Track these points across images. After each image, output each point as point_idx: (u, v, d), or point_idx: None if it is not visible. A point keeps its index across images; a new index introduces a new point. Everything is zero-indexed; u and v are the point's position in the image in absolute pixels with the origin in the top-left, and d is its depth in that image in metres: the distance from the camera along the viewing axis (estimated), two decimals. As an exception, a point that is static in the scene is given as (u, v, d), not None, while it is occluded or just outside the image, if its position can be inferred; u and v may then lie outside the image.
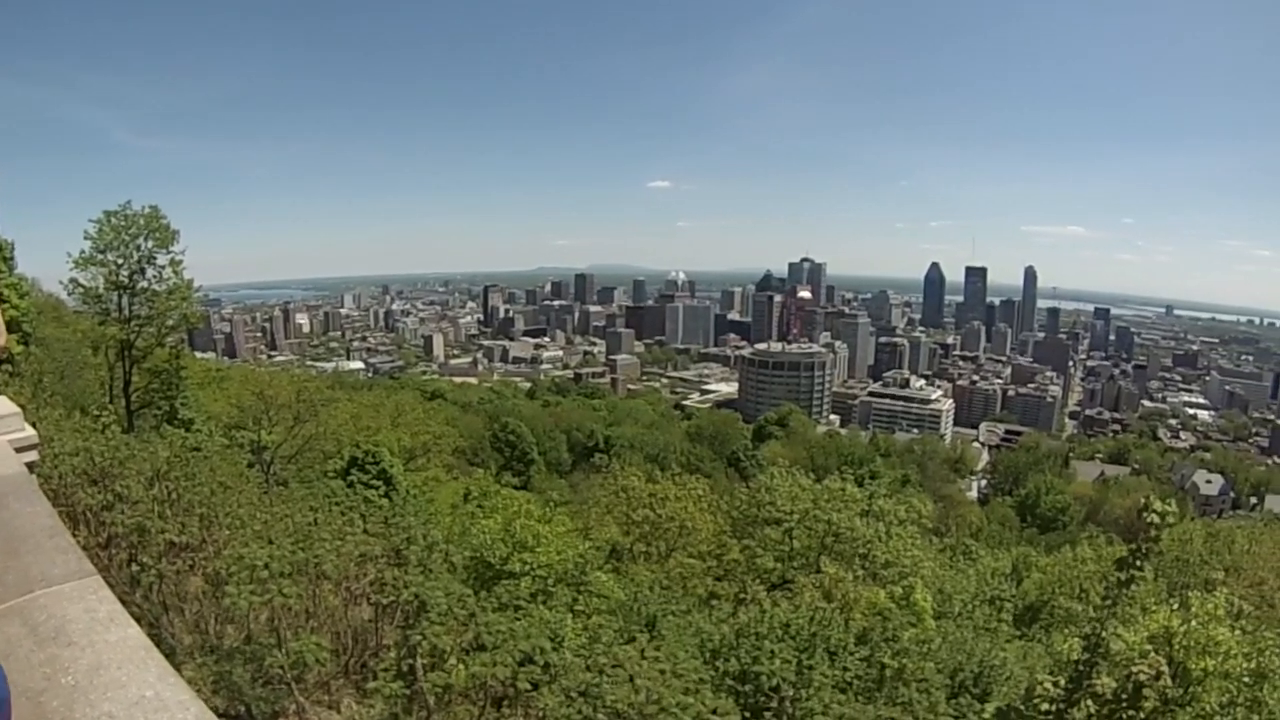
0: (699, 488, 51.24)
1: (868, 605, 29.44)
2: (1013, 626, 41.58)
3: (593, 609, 26.07)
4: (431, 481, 61.09)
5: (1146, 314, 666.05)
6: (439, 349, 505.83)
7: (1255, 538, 53.48)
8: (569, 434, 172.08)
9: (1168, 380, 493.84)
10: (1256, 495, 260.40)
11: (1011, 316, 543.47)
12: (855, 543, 41.20)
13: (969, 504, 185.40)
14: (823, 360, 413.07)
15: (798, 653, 18.48)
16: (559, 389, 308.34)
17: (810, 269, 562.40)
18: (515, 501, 39.38)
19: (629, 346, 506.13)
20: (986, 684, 19.98)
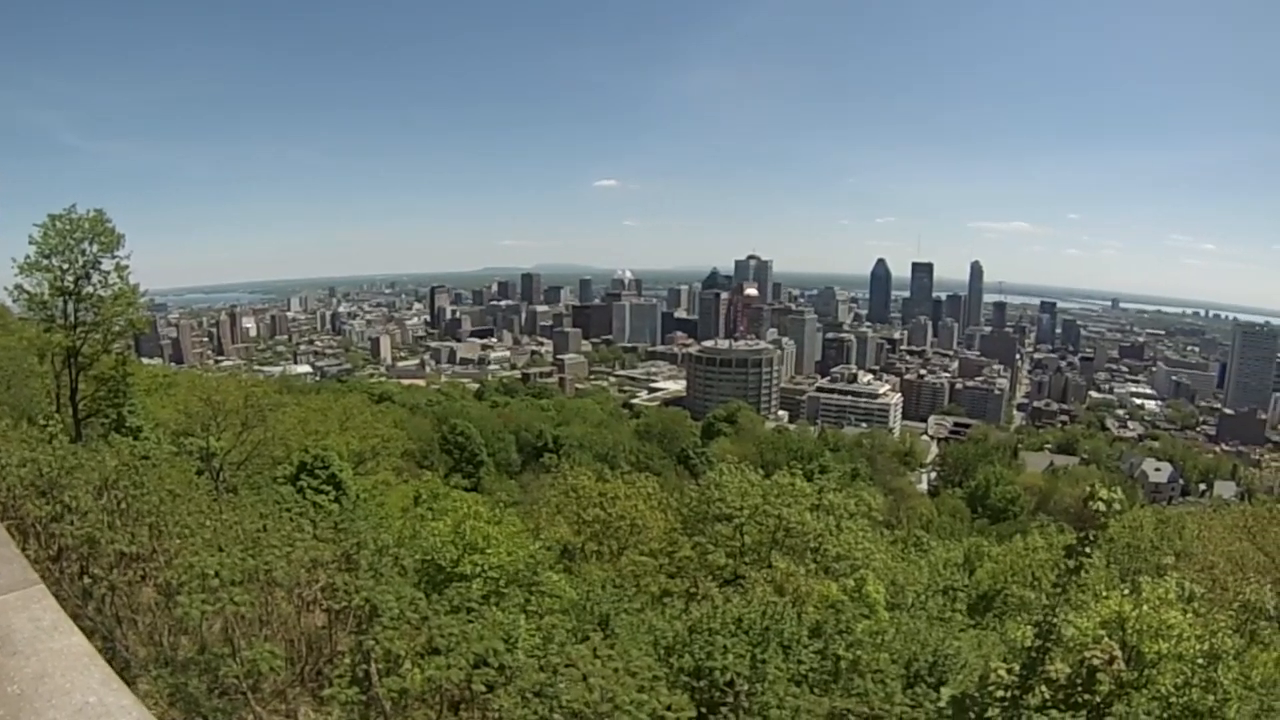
0: (649, 486, 51.33)
1: (820, 598, 29.33)
2: (966, 616, 41.47)
3: (545, 609, 25.80)
4: (381, 485, 60.55)
5: (1093, 307, 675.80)
6: (386, 351, 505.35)
7: (1205, 523, 53.95)
8: (518, 434, 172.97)
9: (1114, 371, 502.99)
10: (1205, 482, 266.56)
11: (958, 311, 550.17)
12: (806, 537, 41.19)
13: (919, 496, 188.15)
14: (770, 357, 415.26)
15: (751, 647, 18.50)
16: (507, 389, 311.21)
17: (757, 266, 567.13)
18: (465, 503, 39.22)
19: (576, 346, 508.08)
20: (942, 673, 20.00)
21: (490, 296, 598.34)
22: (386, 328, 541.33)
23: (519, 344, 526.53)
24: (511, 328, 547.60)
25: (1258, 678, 19.03)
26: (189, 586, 13.62)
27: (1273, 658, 20.61)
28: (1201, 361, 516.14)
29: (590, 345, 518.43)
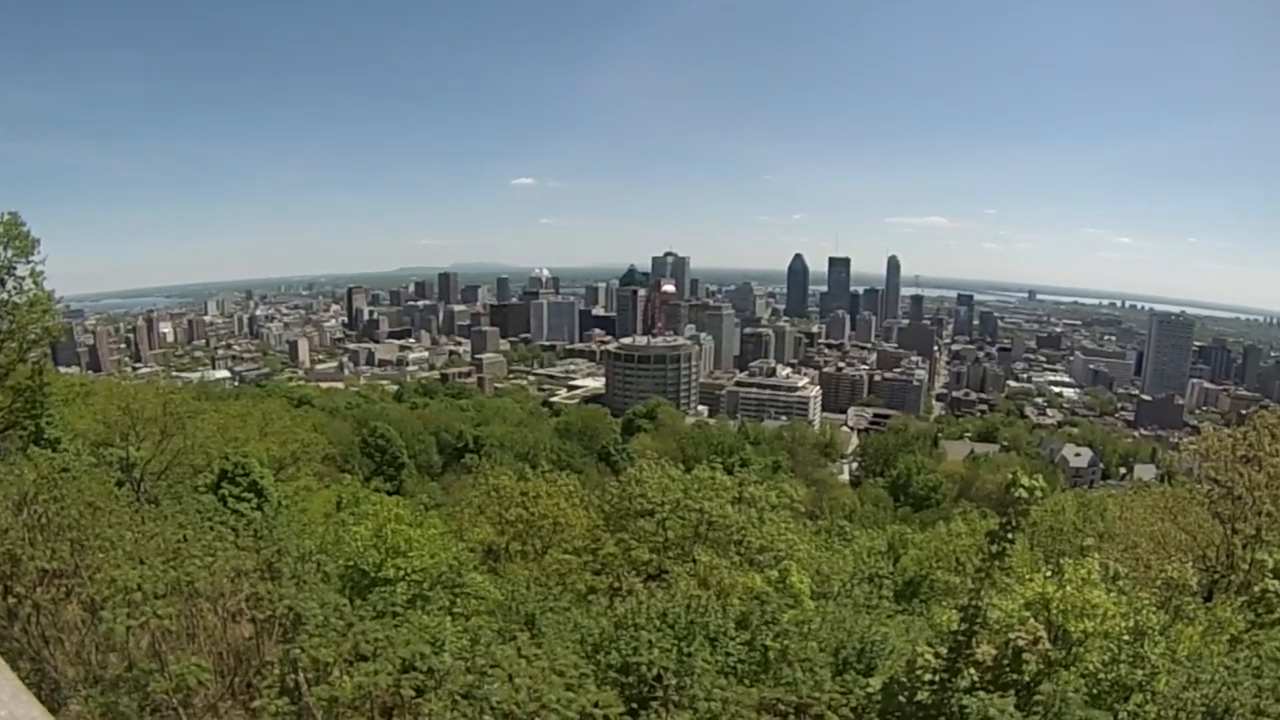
0: (570, 484, 51.09)
1: (744, 590, 29.48)
2: (893, 602, 41.67)
3: (471, 611, 25.89)
4: (303, 491, 60.04)
5: (1010, 299, 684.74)
6: (304, 354, 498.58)
7: (1126, 505, 54.20)
8: (438, 436, 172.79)
9: (1032, 361, 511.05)
10: (1125, 465, 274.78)
11: (876, 305, 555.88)
12: (729, 530, 41.48)
13: (841, 487, 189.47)
14: (688, 352, 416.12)
15: (677, 641, 18.62)
16: (426, 390, 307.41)
17: (674, 263, 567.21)
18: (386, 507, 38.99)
19: (494, 345, 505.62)
20: (870, 659, 20.14)
21: (408, 297, 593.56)
22: (304, 330, 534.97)
23: (437, 344, 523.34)
24: (429, 328, 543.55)
25: (1184, 651, 19.50)
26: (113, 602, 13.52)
27: (1197, 631, 21.22)
28: (1119, 350, 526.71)
29: (508, 344, 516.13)
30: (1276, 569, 23.25)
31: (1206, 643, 20.92)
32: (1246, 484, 36.22)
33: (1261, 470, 36.28)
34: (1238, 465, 36.89)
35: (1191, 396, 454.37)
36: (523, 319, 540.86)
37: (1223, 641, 21.23)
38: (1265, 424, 38.05)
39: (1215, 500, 37.65)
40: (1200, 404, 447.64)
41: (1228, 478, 36.99)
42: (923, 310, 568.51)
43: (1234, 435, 39.48)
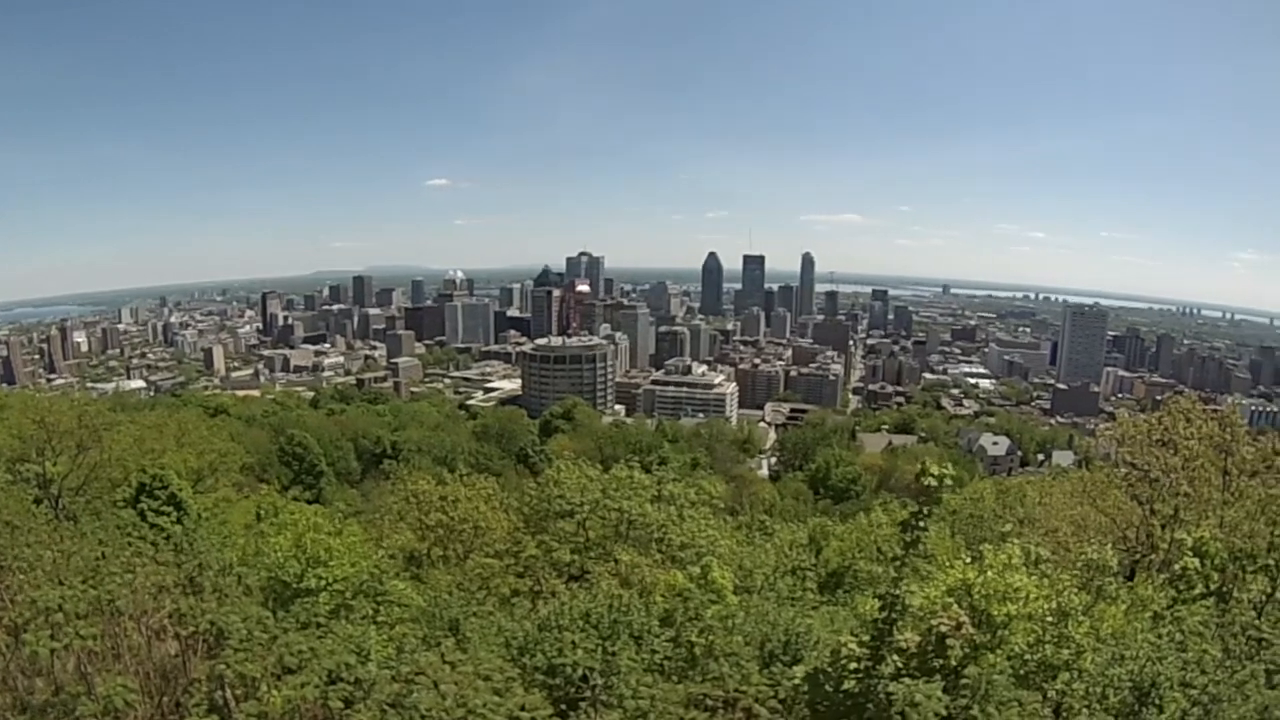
0: (488, 487, 50.99)
1: (667, 588, 29.54)
2: (818, 594, 41.91)
3: (395, 619, 25.87)
4: (222, 503, 58.91)
5: (924, 294, 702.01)
6: (219, 362, 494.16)
7: (1046, 491, 55.23)
8: (356, 442, 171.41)
9: (947, 354, 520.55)
10: (1043, 452, 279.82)
11: (790, 301, 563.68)
12: (649, 528, 41.43)
13: (761, 482, 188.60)
14: (604, 352, 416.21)
15: (601, 641, 18.59)
16: (342, 396, 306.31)
17: (588, 263, 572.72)
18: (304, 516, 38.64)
19: (410, 349, 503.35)
20: (796, 651, 20.15)
21: (322, 301, 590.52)
22: (219, 337, 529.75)
23: (352, 349, 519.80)
24: (344, 332, 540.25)
25: (1108, 630, 19.99)
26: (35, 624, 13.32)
27: (1121, 610, 21.77)
28: (1033, 341, 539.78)
29: (424, 347, 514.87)
30: (1195, 547, 23.80)
31: (1130, 620, 21.48)
32: (1163, 467, 37.00)
33: (1177, 453, 37.09)
34: (1154, 449, 37.69)
35: (1106, 384, 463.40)
36: (438, 322, 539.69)
37: (1145, 619, 21.74)
38: (1179, 409, 38.94)
39: (1133, 483, 38.49)
40: (1115, 391, 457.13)
41: (1144, 461, 37.73)
42: (837, 306, 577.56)
43: (1149, 420, 40.30)
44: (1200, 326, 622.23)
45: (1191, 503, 36.51)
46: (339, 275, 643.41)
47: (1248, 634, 17.43)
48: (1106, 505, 40.41)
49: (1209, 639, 17.57)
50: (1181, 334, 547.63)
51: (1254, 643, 17.09)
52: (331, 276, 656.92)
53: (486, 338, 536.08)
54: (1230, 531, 29.84)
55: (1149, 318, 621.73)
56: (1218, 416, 40.87)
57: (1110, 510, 39.96)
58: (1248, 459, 38.29)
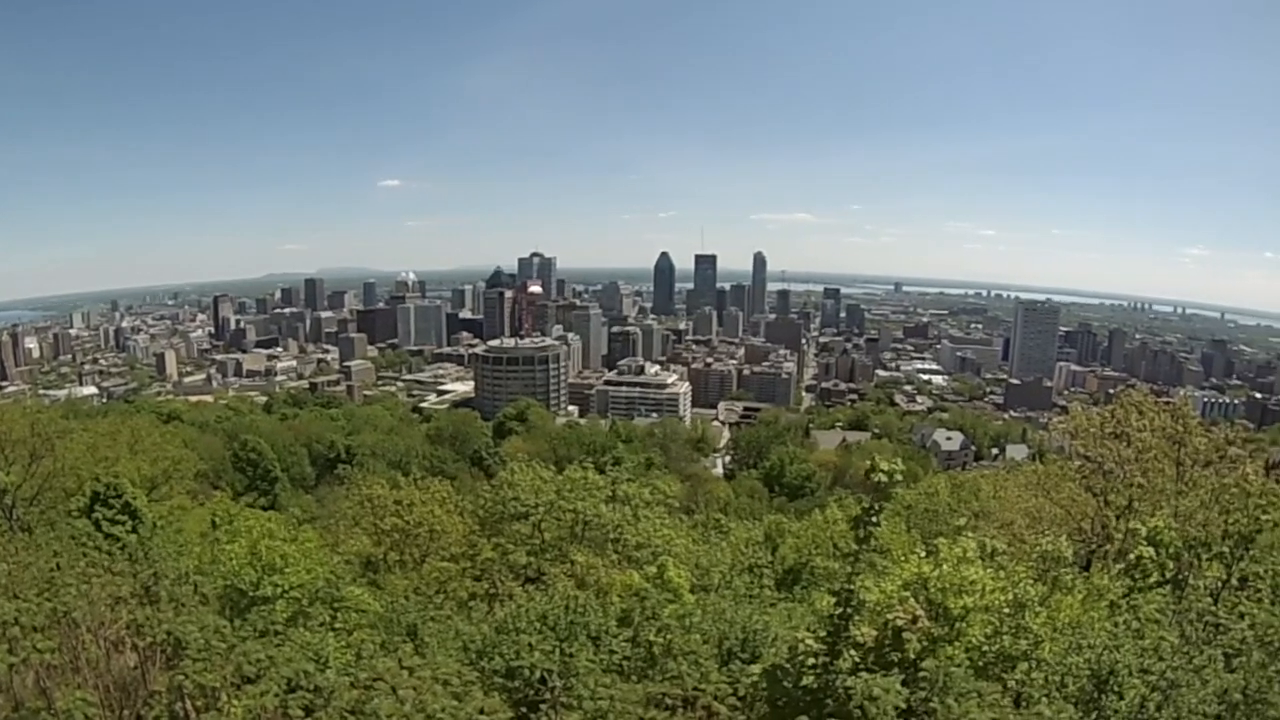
0: (443, 490, 50.87)
1: (623, 588, 29.64)
2: (775, 591, 42.31)
3: (353, 625, 25.79)
4: (177, 511, 58.36)
5: (876, 292, 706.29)
6: (171, 367, 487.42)
7: (1000, 484, 55.64)
8: (310, 447, 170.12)
9: (900, 351, 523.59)
10: (997, 447, 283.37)
11: (742, 300, 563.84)
12: (605, 529, 41.78)
13: (716, 480, 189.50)
14: (556, 353, 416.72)
15: (559, 642, 18.62)
16: (295, 401, 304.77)
17: (540, 264, 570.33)
18: (259, 522, 38.40)
19: (362, 351, 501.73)
20: (754, 648, 20.23)
21: (274, 304, 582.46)
22: (171, 342, 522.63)
23: (305, 352, 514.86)
24: (297, 335, 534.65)
25: (1065, 619, 20.06)
26: (-9, 639, 13.19)
27: (1077, 600, 21.77)
28: (985, 338, 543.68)
29: (376, 350, 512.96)
30: (1150, 536, 24.10)
31: (1086, 610, 21.50)
32: (1116, 458, 37.43)
33: (1130, 445, 37.47)
34: (1106, 441, 38.10)
35: (1059, 379, 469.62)
36: (390, 324, 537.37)
37: (1102, 608, 21.82)
38: (1131, 402, 39.43)
39: (1087, 475, 38.91)
40: (1068, 385, 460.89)
41: (1098, 453, 38.14)
42: (789, 304, 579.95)
43: (1102, 413, 40.73)
44: (1152, 321, 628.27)
45: (1145, 493, 36.87)
46: (291, 277, 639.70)
47: (1204, 620, 17.53)
48: (1061, 497, 40.76)
49: (1166, 626, 17.80)
50: (1133, 328, 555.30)
51: (1211, 628, 17.22)
52: (283, 279, 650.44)
53: (439, 340, 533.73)
54: (1185, 521, 30.21)
55: (1101, 313, 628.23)
56: (1170, 408, 41.36)
57: (1065, 502, 40.31)
58: (1201, 449, 38.70)
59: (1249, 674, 14.25)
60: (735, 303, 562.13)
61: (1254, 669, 14.42)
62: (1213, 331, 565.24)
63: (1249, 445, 47.36)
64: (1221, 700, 13.89)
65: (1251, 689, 13.95)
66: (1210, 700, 13.66)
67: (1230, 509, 25.73)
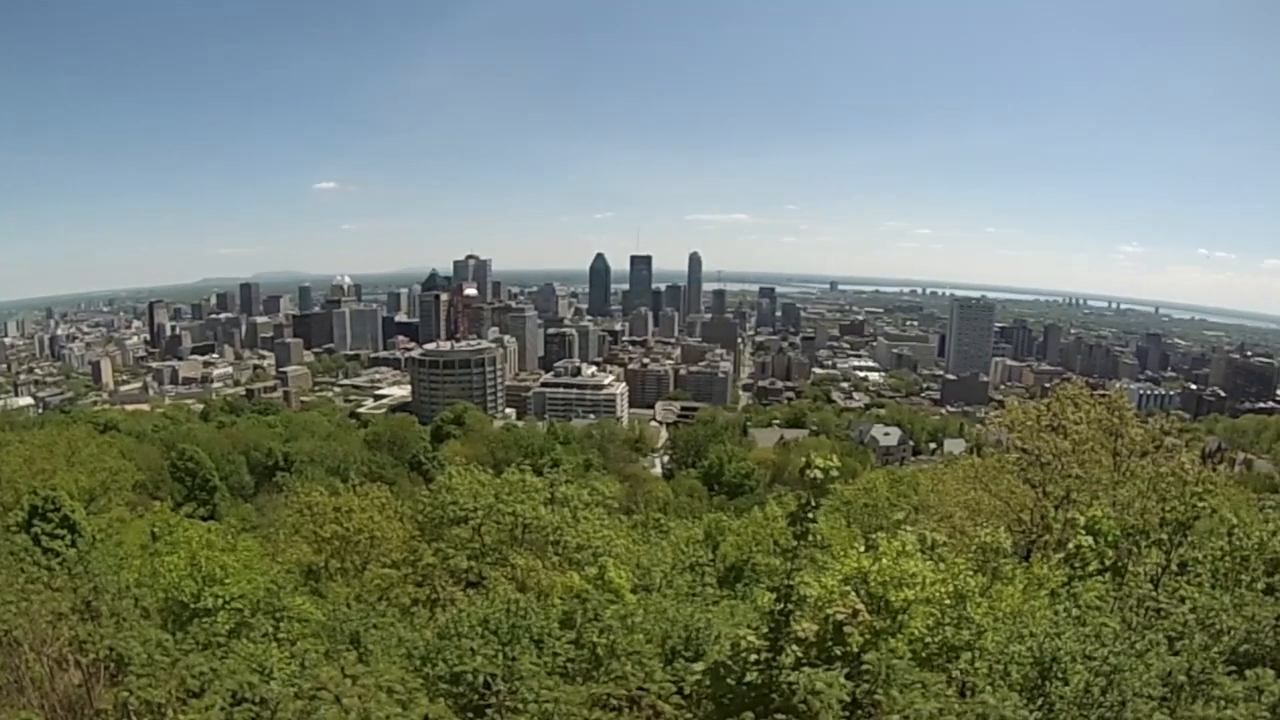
0: (382, 496, 50.51)
1: (564, 590, 29.66)
2: (717, 589, 42.41)
3: (295, 635, 25.58)
4: (116, 523, 57.82)
5: (811, 290, 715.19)
6: (107, 375, 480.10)
7: (938, 478, 56.27)
8: (248, 455, 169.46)
9: (836, 349, 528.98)
10: (935, 441, 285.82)
11: (678, 300, 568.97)
12: (544, 531, 41.71)
13: (655, 480, 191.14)
14: (493, 355, 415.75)
15: (501, 646, 18.77)
16: (232, 408, 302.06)
17: (475, 266, 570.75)
18: (198, 533, 38.11)
19: (298, 357, 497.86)
20: (698, 646, 20.28)
21: (209, 310, 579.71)
22: (107, 350, 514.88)
23: (241, 359, 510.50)
24: (233, 341, 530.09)
25: (1006, 609, 20.35)
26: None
27: (1018, 590, 22.09)
28: (921, 334, 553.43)
29: (313, 355, 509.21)
30: (1088, 525, 24.55)
31: (1027, 599, 21.80)
32: (1053, 450, 38.03)
33: (1067, 437, 37.93)
34: (1043, 434, 38.62)
35: (995, 374, 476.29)
36: (326, 329, 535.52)
37: (1043, 597, 22.16)
38: (1067, 395, 40.09)
39: (1024, 467, 39.53)
40: (1004, 380, 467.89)
41: (1035, 446, 38.66)
42: (725, 304, 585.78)
43: (1038, 407, 41.21)
44: (1087, 316, 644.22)
45: (1083, 484, 37.39)
46: (226, 282, 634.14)
47: (1145, 605, 17.78)
48: (999, 489, 41.19)
49: (1106, 612, 18.08)
50: (1068, 323, 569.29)
51: (1152, 613, 17.44)
52: (219, 284, 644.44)
53: (375, 344, 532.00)
54: (1123, 510, 30.59)
55: (1036, 309, 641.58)
56: (1106, 401, 42.01)
57: (1003, 494, 40.74)
58: (1137, 440, 39.30)
59: (1192, 656, 14.40)
60: (671, 303, 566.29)
61: (1197, 651, 14.58)
62: (1147, 326, 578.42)
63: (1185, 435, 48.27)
64: (1166, 682, 14.04)
65: (1195, 670, 14.10)
66: (1154, 683, 13.80)
67: (1167, 497, 26.15)
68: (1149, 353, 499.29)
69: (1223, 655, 14.79)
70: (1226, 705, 13.13)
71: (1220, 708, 13.09)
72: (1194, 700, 13.79)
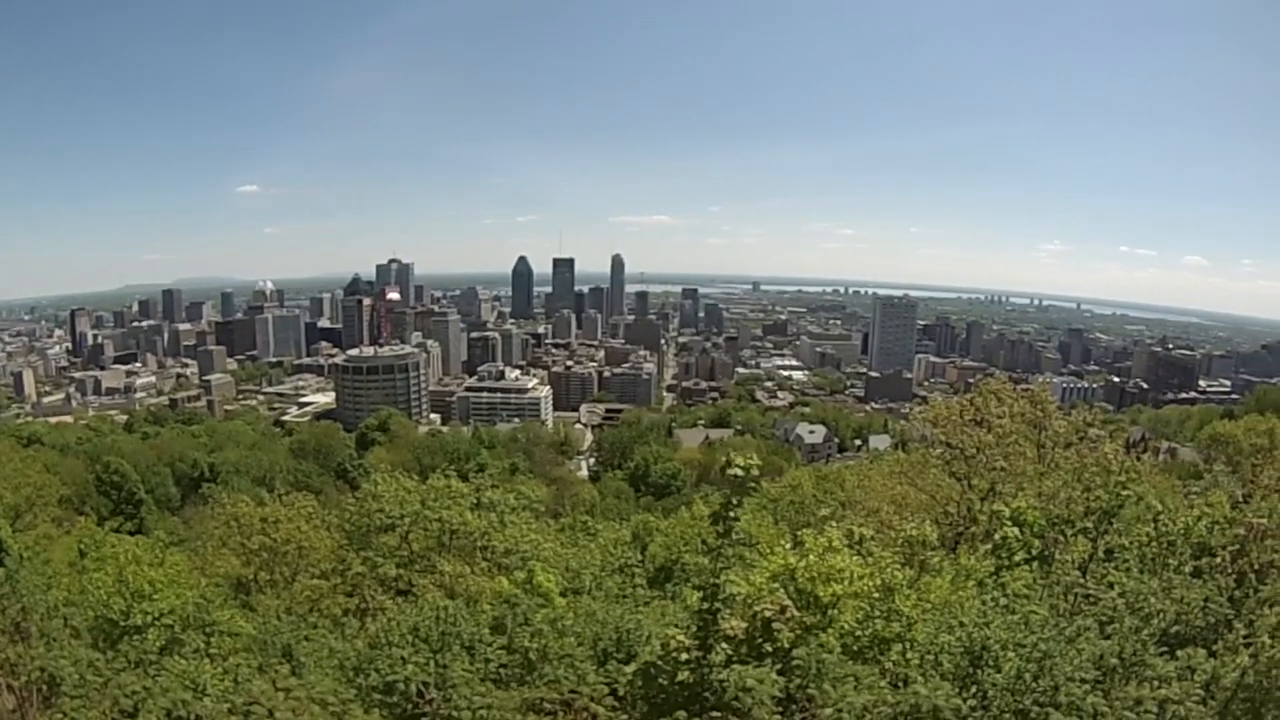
0: (308, 505, 49.92)
1: (494, 595, 29.70)
2: (648, 590, 42.49)
3: (227, 649, 25.44)
4: (43, 540, 57.27)
5: (734, 291, 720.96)
6: (30, 387, 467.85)
7: (864, 474, 57.42)
8: (173, 466, 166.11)
9: (760, 348, 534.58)
10: (860, 438, 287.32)
11: (601, 303, 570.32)
12: (472, 536, 41.57)
13: (581, 483, 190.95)
14: (416, 360, 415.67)
15: (433, 654, 18.69)
16: (156, 419, 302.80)
17: (398, 270, 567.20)
18: (124, 548, 37.72)
19: (222, 365, 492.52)
20: (629, 648, 20.33)
21: (131, 317, 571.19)
22: (29, 360, 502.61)
23: (164, 367, 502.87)
24: (155, 350, 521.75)
25: (935, 600, 20.82)
26: None
27: (945, 581, 22.67)
28: (844, 333, 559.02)
29: (236, 363, 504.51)
30: (1014, 516, 24.88)
31: (956, 590, 22.27)
32: (977, 444, 38.62)
33: (990, 431, 38.47)
34: (967, 428, 39.14)
35: (919, 370, 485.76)
36: (249, 335, 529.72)
37: (970, 587, 22.55)
38: (990, 390, 40.95)
39: (950, 461, 39.98)
40: (928, 376, 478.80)
41: (959, 440, 39.16)
42: (648, 306, 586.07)
43: (962, 402, 41.79)
44: (1009, 313, 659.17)
45: (1008, 476, 38.09)
46: (148, 289, 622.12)
47: (1074, 592, 18.08)
48: (925, 484, 41.88)
49: (1035, 600, 18.15)
50: (991, 320, 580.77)
51: (1081, 599, 17.75)
52: (141, 290, 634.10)
53: (299, 350, 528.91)
54: (1048, 500, 31.18)
55: (959, 306, 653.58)
56: (1028, 395, 42.70)
57: (929, 488, 41.41)
58: (1061, 432, 40.09)
59: (1123, 639, 14.62)
60: (594, 305, 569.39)
61: (1128, 634, 14.79)
62: (1069, 321, 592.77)
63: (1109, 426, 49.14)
64: (1098, 666, 14.23)
65: (1127, 653, 14.33)
66: (1086, 666, 13.99)
67: (1092, 486, 26.57)
68: (1071, 347, 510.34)
69: (1154, 637, 15.04)
70: (1160, 685, 13.37)
71: (1154, 687, 13.33)
72: (1127, 681, 14.01)
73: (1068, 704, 13.33)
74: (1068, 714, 13.20)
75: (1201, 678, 13.58)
